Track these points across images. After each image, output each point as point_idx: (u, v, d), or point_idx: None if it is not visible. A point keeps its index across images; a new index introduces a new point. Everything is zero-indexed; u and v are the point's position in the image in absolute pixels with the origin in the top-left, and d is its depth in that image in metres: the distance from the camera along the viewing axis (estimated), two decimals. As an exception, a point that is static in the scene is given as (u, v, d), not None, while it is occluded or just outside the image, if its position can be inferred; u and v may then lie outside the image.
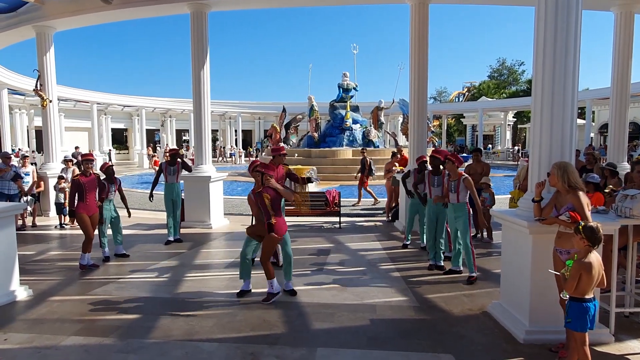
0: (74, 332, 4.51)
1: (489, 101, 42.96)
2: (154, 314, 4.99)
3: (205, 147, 10.18)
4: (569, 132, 4.37)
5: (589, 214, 3.74)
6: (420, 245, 8.00)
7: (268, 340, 4.37)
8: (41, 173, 11.09)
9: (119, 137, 43.63)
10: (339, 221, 10.07)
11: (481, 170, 8.87)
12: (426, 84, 9.71)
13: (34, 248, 8.19)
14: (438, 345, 4.25)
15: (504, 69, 55.12)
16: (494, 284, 5.79)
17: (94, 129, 32.73)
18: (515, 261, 4.61)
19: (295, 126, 26.44)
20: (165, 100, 40.08)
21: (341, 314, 5.03)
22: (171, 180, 8.62)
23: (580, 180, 3.93)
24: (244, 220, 10.75)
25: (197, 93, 9.94)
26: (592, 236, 3.31)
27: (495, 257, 7.28)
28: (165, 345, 4.24)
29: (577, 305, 3.39)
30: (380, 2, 11.06)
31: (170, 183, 8.61)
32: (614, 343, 4.21)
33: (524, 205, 4.58)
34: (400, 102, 25.05)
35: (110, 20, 11.48)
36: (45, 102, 11.10)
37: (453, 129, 54.43)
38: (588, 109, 33.60)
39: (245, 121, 46.18)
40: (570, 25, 4.27)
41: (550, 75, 4.33)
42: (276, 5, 11.23)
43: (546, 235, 4.07)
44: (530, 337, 4.23)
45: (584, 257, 3.34)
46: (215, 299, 5.55)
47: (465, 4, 11.43)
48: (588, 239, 3.32)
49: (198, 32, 9.74)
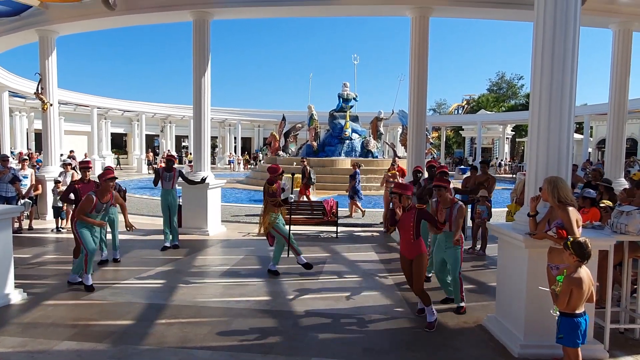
0: (68, 337, 4.49)
1: (488, 114, 43.12)
2: (148, 320, 4.97)
3: (205, 154, 10.21)
4: (566, 146, 4.41)
5: (577, 229, 3.74)
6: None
7: (262, 349, 4.35)
8: (39, 176, 11.08)
9: (119, 142, 43.59)
10: (336, 231, 10.07)
11: (486, 183, 8.83)
12: (425, 95, 9.78)
13: (29, 251, 8.15)
14: (432, 358, 4.24)
15: (503, 83, 55.46)
16: (489, 297, 5.79)
17: (94, 133, 32.70)
18: (511, 275, 4.62)
19: (295, 135, 26.48)
20: (165, 106, 40.12)
21: (336, 324, 5.02)
22: (167, 186, 8.62)
23: (572, 195, 3.94)
24: (241, 228, 10.75)
25: (197, 100, 9.98)
26: (581, 251, 3.33)
27: (491, 270, 7.28)
28: (158, 352, 4.22)
29: (568, 320, 3.40)
30: (381, 14, 11.17)
31: (166, 189, 8.63)
32: (608, 359, 4.21)
33: (520, 219, 4.60)
34: (400, 113, 25.16)
35: (113, 26, 11.55)
36: (45, 105, 11.13)
37: (452, 141, 54.57)
38: (586, 124, 33.75)
39: (245, 129, 46.22)
40: (568, 40, 4.33)
41: (547, 90, 4.38)
42: (278, 15, 11.32)
43: (542, 249, 4.08)
44: (525, 352, 4.23)
45: (573, 273, 3.36)
46: (210, 306, 5.54)
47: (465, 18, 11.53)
48: (577, 254, 3.33)
49: (200, 40, 9.81)
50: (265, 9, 9.70)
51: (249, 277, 6.77)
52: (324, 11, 10.70)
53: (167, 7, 9.59)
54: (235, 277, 6.83)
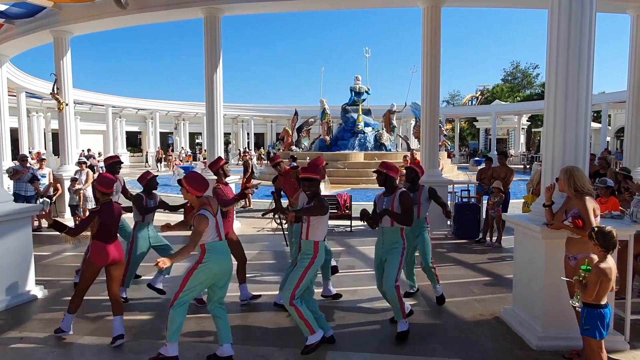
0: (88, 332, 4.58)
1: (503, 104, 42.52)
2: (166, 316, 5.02)
3: (218, 150, 10.26)
4: (583, 135, 4.33)
5: (595, 219, 3.67)
6: None
7: (278, 343, 4.38)
8: (57, 175, 11.26)
9: (133, 140, 44.15)
10: (350, 224, 10.06)
11: (504, 175, 8.74)
12: (438, 87, 9.68)
13: (49, 249, 8.31)
14: (449, 350, 4.23)
15: (518, 72, 54.59)
16: (506, 289, 5.73)
17: (109, 131, 33.20)
18: (528, 266, 4.57)
19: (307, 129, 26.46)
20: (178, 103, 40.49)
21: (351, 317, 5.03)
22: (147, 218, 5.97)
23: (589, 184, 3.87)
24: (255, 223, 10.79)
25: (209, 97, 10.03)
26: (605, 241, 3.26)
27: (507, 262, 7.21)
28: (177, 346, 4.27)
29: (593, 311, 3.34)
30: (392, 5, 11.08)
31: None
32: (629, 350, 4.15)
33: (536, 209, 4.54)
34: (413, 106, 24.96)
35: (126, 25, 11.66)
36: (61, 105, 11.29)
37: (466, 133, 54.03)
38: (604, 112, 33.10)
39: (258, 124, 46.41)
40: (584, 27, 4.23)
41: (563, 78, 4.29)
42: (288, 10, 11.29)
43: (559, 240, 4.02)
44: (543, 344, 4.19)
45: (602, 262, 3.28)
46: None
47: (477, 7, 11.40)
48: (600, 244, 3.27)
49: (211, 37, 9.84)
50: (276, 3, 9.69)
51: (265, 272, 6.82)
52: (335, 4, 10.66)
53: (178, 4, 9.63)
54: (250, 271, 6.85)
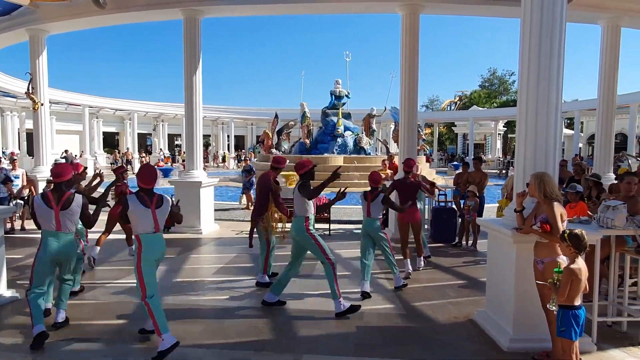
0: (61, 337, 4.50)
1: (480, 110, 43.29)
2: (141, 319, 4.97)
3: (197, 153, 10.21)
4: (553, 142, 4.46)
5: (562, 224, 3.80)
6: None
7: (255, 346, 4.39)
8: (31, 176, 11.01)
9: (111, 141, 43.38)
10: (329, 228, 10.11)
11: (479, 180, 8.92)
12: (417, 92, 9.82)
13: (22, 252, 8.11)
14: (424, 353, 4.30)
15: (494, 79, 55.61)
16: (480, 292, 5.85)
17: (85, 132, 32.53)
18: (500, 270, 4.68)
19: (287, 132, 26.45)
20: (157, 104, 39.93)
21: (328, 320, 5.06)
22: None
23: (558, 190, 4.00)
24: (234, 226, 10.77)
25: (189, 98, 9.96)
26: (577, 242, 3.41)
27: (482, 265, 7.35)
28: (152, 351, 4.22)
29: (568, 313, 3.45)
30: (372, 11, 11.19)
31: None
32: (596, 352, 4.28)
33: (509, 214, 4.65)
34: (392, 110, 25.18)
35: (104, 25, 11.50)
36: (36, 105, 11.06)
37: (445, 137, 54.77)
38: (577, 119, 34.03)
39: (238, 127, 46.12)
40: (554, 37, 4.36)
41: (534, 87, 4.42)
42: (268, 13, 11.32)
43: (530, 244, 4.12)
44: (514, 345, 4.29)
45: (572, 263, 3.42)
46: (203, 305, 5.56)
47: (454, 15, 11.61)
48: (574, 245, 3.41)
49: (191, 38, 9.79)
50: (256, 6, 9.68)
51: (242, 275, 6.80)
52: (315, 8, 10.71)
53: (157, 4, 9.55)
54: (228, 275, 6.86)
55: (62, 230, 4.49)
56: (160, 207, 4.25)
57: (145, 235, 4.17)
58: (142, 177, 4.24)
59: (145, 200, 4.19)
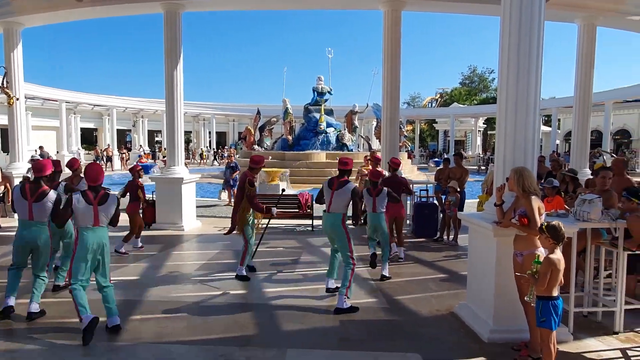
0: (40, 336, 4.42)
1: (461, 107, 43.82)
2: (122, 317, 4.91)
3: (178, 149, 10.10)
4: (532, 138, 4.55)
5: (539, 217, 3.89)
6: None
7: (239, 342, 4.38)
8: (7, 173, 10.75)
9: (89, 137, 42.57)
10: (311, 224, 10.13)
11: (460, 175, 9.05)
12: (399, 89, 9.91)
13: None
14: (406, 345, 4.35)
15: (474, 77, 56.37)
16: (461, 285, 5.93)
17: (62, 128, 31.84)
18: (481, 263, 4.77)
19: (270, 129, 26.39)
20: (137, 100, 39.26)
21: (312, 315, 5.08)
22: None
23: (536, 184, 4.09)
24: (216, 223, 10.70)
25: (169, 94, 9.84)
26: (555, 234, 3.50)
27: (463, 259, 7.46)
28: (133, 348, 4.20)
29: (548, 303, 3.54)
30: (354, 7, 11.24)
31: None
32: (572, 341, 4.40)
33: (489, 208, 4.73)
34: (374, 107, 25.31)
35: (81, 18, 11.28)
36: (11, 99, 10.79)
37: (426, 134, 55.28)
38: (554, 116, 34.72)
39: (220, 123, 45.74)
40: (533, 36, 4.45)
41: (514, 84, 4.50)
42: (250, 8, 11.28)
43: (510, 238, 4.21)
44: (494, 337, 4.38)
45: (551, 254, 3.51)
46: (186, 301, 5.52)
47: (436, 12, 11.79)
48: (552, 236, 3.51)
49: (171, 33, 9.65)
50: (236, 1, 9.62)
51: (225, 271, 6.77)
52: (297, 4, 10.70)
53: (137, -2, 9.42)
54: (211, 271, 6.82)
55: (35, 220, 4.86)
56: (104, 204, 4.49)
57: (83, 228, 4.43)
58: (88, 175, 4.56)
59: (89, 197, 4.46)
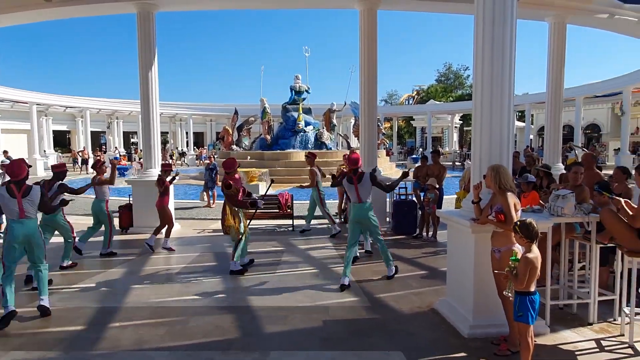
0: (15, 347, 4.30)
1: (437, 104, 44.35)
2: (101, 324, 4.83)
3: (155, 150, 9.94)
4: (507, 134, 4.63)
5: (515, 213, 3.95)
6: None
7: (221, 346, 4.34)
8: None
9: (62, 140, 41.56)
10: (292, 224, 10.11)
11: (438, 172, 9.15)
12: (376, 87, 9.96)
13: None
14: (388, 343, 4.38)
15: (450, 74, 57.14)
16: (441, 281, 6.00)
17: (34, 131, 30.96)
18: (459, 259, 4.83)
19: (248, 128, 26.23)
20: (111, 101, 38.47)
21: (294, 316, 5.07)
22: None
23: (512, 181, 4.16)
24: (196, 225, 10.59)
25: (144, 95, 9.68)
26: (528, 232, 3.55)
27: (442, 255, 7.55)
28: (113, 356, 4.13)
29: (525, 298, 3.60)
30: (329, 7, 11.24)
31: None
32: (549, 334, 4.49)
33: (467, 205, 4.80)
34: (352, 105, 25.42)
35: (51, 18, 10.97)
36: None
37: (404, 131, 55.80)
38: (527, 112, 35.47)
39: (197, 123, 45.26)
40: (505, 34, 4.53)
41: (488, 81, 4.57)
42: (225, 7, 11.16)
43: (488, 234, 4.27)
44: (474, 332, 4.44)
45: (528, 252, 3.57)
46: (166, 306, 5.45)
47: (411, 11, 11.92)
48: (525, 235, 3.55)
49: (145, 33, 9.50)
50: (210, 1, 9.52)
51: (205, 274, 6.71)
52: (273, 3, 10.64)
53: (109, -2, 9.22)
54: (191, 274, 6.74)
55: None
56: (28, 196, 4.91)
57: (10, 220, 4.88)
58: (11, 171, 4.93)
59: (13, 190, 4.87)
